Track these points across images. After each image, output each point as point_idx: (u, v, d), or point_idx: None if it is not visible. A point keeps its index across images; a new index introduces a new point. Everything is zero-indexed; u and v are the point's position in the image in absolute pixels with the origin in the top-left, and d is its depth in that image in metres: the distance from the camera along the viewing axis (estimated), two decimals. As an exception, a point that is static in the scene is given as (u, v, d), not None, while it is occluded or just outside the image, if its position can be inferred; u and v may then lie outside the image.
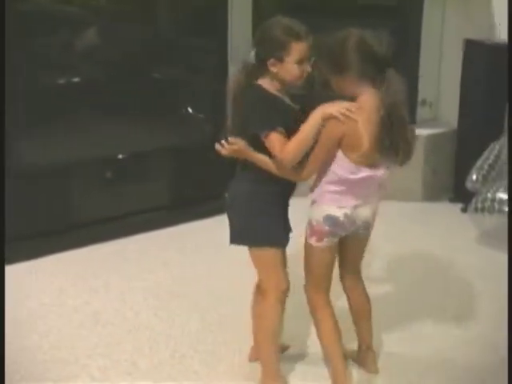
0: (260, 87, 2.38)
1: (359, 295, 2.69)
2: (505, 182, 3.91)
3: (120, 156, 4.04)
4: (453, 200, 4.66)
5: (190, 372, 2.75)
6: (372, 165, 2.36)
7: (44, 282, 3.47)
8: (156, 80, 4.14)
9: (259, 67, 2.37)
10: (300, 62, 2.34)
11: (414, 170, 4.63)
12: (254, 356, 2.78)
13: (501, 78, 4.40)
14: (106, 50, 3.94)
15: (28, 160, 3.66)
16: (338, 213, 2.41)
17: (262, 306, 2.55)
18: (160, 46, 4.13)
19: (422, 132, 4.70)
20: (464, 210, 4.35)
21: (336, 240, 2.49)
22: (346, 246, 2.56)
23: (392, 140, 2.32)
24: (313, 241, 2.47)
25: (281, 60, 2.32)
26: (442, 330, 3.09)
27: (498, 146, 4.11)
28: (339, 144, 2.33)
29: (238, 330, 2.97)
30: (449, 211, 4.55)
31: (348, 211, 2.41)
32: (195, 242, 4.02)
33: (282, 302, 2.53)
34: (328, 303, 2.56)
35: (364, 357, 2.74)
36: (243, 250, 2.52)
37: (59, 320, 3.13)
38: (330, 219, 2.42)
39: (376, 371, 2.74)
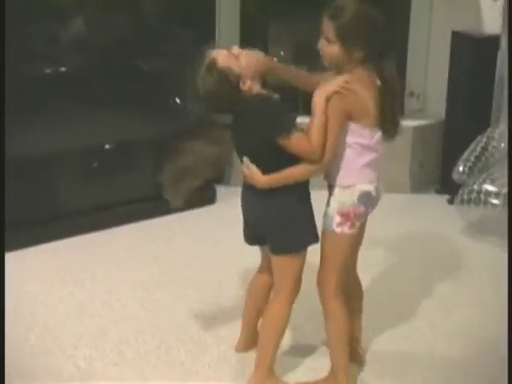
0: (256, 95, 2.33)
1: (356, 288, 2.67)
2: (491, 174, 3.93)
3: (107, 146, 4.03)
4: (439, 192, 4.68)
5: (176, 362, 2.75)
6: (379, 127, 2.38)
7: (30, 273, 3.46)
8: (143, 70, 4.12)
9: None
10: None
11: (401, 162, 4.64)
12: (243, 347, 2.78)
13: (488, 70, 4.42)
14: (93, 40, 3.92)
15: (14, 150, 3.62)
16: (370, 187, 2.40)
17: (276, 306, 2.50)
18: (147, 36, 4.10)
19: (409, 123, 4.70)
20: (450, 202, 4.37)
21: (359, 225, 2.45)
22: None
23: (391, 111, 2.36)
24: (346, 229, 2.41)
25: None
26: (427, 322, 3.10)
27: (485, 138, 4.12)
28: (350, 117, 2.32)
29: (225, 320, 2.98)
30: (435, 203, 4.56)
31: (376, 184, 2.42)
32: (182, 232, 4.01)
33: (292, 304, 2.52)
34: (343, 295, 2.51)
35: (354, 350, 2.70)
36: (230, 242, 2.52)
37: (45, 311, 3.12)
38: (365, 196, 2.40)
39: (364, 363, 2.75)
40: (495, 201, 3.82)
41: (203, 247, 3.74)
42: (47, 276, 3.45)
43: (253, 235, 2.52)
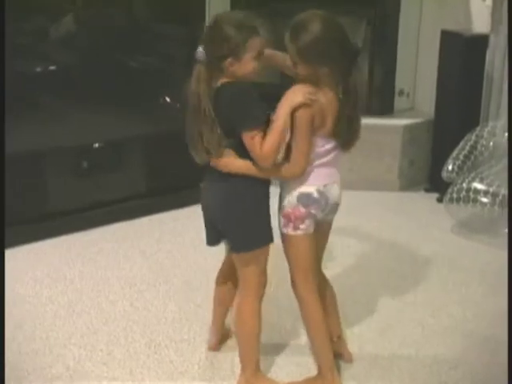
0: (233, 83, 2.31)
1: (324, 287, 2.66)
2: (480, 172, 3.94)
3: (96, 145, 4.01)
4: (428, 190, 4.69)
5: (165, 361, 2.75)
6: (333, 139, 2.39)
7: (18, 272, 3.44)
8: (132, 68, 4.11)
9: (214, 66, 2.29)
10: (258, 56, 2.30)
11: (390, 160, 4.65)
12: (215, 345, 2.79)
13: (477, 69, 4.43)
14: (83, 38, 3.90)
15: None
16: (311, 188, 2.40)
17: (244, 304, 2.50)
18: (136, 34, 4.09)
19: (399, 122, 4.72)
20: (440, 200, 4.38)
21: (313, 225, 2.45)
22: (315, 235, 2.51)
23: (348, 123, 2.37)
24: (290, 230, 2.44)
25: (239, 58, 2.27)
26: (414, 319, 3.11)
27: (474, 137, 4.14)
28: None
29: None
30: (424, 201, 4.57)
31: (320, 187, 2.41)
32: (172, 231, 4.01)
33: (261, 301, 2.51)
34: (317, 294, 2.51)
35: (337, 347, 2.71)
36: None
37: (34, 310, 3.11)
38: (305, 197, 2.40)
39: (351, 359, 2.76)
40: (484, 199, 3.83)
41: (193, 246, 3.74)
42: (36, 275, 3.43)
43: (212, 235, 2.51)
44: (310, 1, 4.53)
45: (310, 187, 2.40)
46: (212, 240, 2.54)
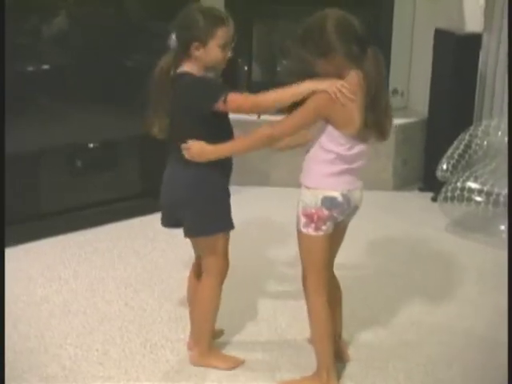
0: (190, 73, 2.42)
1: (334, 287, 2.68)
2: (474, 171, 3.95)
3: (90, 145, 4.00)
4: (423, 189, 4.70)
5: (161, 361, 2.74)
6: (363, 139, 2.39)
7: (13, 272, 3.43)
8: (127, 68, 4.10)
9: (182, 51, 2.43)
10: (223, 46, 2.42)
11: (384, 159, 4.66)
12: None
13: (470, 68, 4.44)
14: (77, 38, 3.89)
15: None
16: (336, 193, 2.40)
17: (205, 286, 2.62)
18: (131, 33, 4.08)
19: (393, 121, 4.72)
20: (434, 199, 4.39)
21: (332, 227, 2.46)
22: (332, 236, 2.51)
23: (377, 116, 2.36)
24: (311, 230, 2.43)
25: (205, 44, 2.39)
26: (409, 318, 3.11)
27: (468, 136, 4.15)
28: (328, 121, 2.34)
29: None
30: (419, 200, 4.58)
31: (345, 191, 2.41)
32: (166, 231, 3.97)
33: (222, 284, 2.64)
34: (326, 296, 2.52)
35: (337, 347, 2.70)
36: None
37: (29, 310, 3.10)
38: (329, 201, 2.40)
39: (348, 359, 2.76)
40: (478, 198, 3.85)
41: (188, 245, 3.72)
42: (30, 274, 3.43)
43: (169, 217, 2.62)
44: (303, 3, 4.55)
45: (335, 192, 2.41)
46: (168, 223, 2.67)
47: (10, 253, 3.58)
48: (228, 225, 2.57)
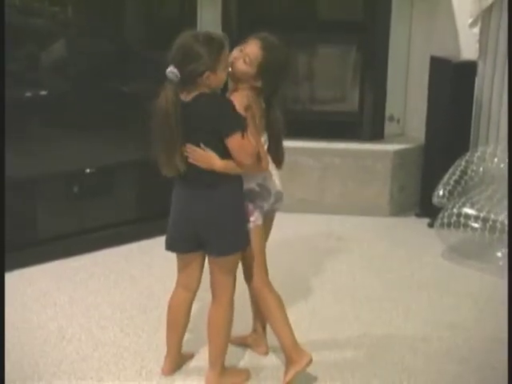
0: (213, 94, 2.49)
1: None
2: (470, 197, 3.96)
3: (87, 170, 4.01)
4: (419, 215, 4.70)
5: (156, 388, 2.73)
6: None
7: (8, 298, 3.40)
8: (123, 94, 4.11)
9: (190, 82, 2.45)
10: (227, 67, 2.52)
11: (380, 185, 4.66)
12: (170, 370, 2.80)
13: (466, 94, 4.47)
14: (74, 65, 3.92)
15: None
16: (251, 185, 2.60)
17: (221, 310, 2.65)
18: (128, 59, 4.11)
19: (389, 147, 4.74)
20: (431, 225, 4.39)
21: (261, 218, 2.64)
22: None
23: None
24: (250, 223, 2.62)
25: (215, 71, 2.45)
26: (405, 344, 3.10)
27: (464, 162, 4.16)
28: None
29: (205, 345, 2.96)
30: (415, 226, 4.58)
31: (259, 181, 2.61)
32: (162, 256, 3.94)
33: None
34: (271, 284, 2.71)
35: (258, 339, 2.92)
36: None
37: (22, 336, 3.08)
38: (248, 193, 2.59)
39: (267, 352, 2.91)
40: (475, 224, 3.84)
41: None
42: (25, 301, 3.41)
43: (192, 239, 2.61)
44: (299, 27, 4.57)
45: (250, 183, 2.58)
46: (186, 247, 2.66)
47: (5, 278, 3.58)
48: (248, 240, 2.63)
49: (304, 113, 4.93)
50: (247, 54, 2.55)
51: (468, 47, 4.48)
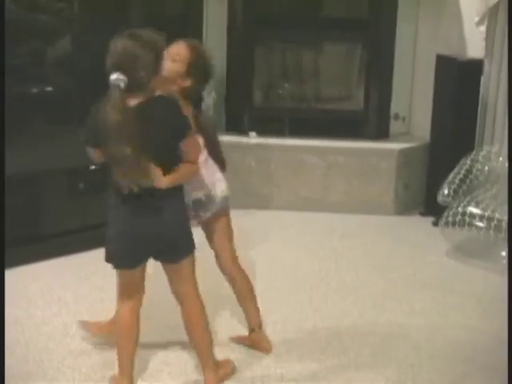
0: (160, 97, 2.45)
1: (240, 277, 2.87)
2: (475, 196, 3.95)
3: (92, 167, 4.01)
4: (424, 214, 4.70)
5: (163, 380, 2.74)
6: None
7: (12, 294, 3.42)
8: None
9: (137, 89, 2.39)
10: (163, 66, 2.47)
11: (385, 184, 4.66)
12: None
13: (472, 93, 4.46)
14: (78, 60, 3.92)
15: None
16: (199, 194, 2.67)
17: (194, 307, 2.64)
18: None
19: (394, 146, 4.74)
20: (435, 224, 4.38)
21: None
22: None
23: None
24: (208, 213, 2.73)
25: (158, 72, 2.41)
26: (409, 343, 3.10)
27: (469, 161, 4.16)
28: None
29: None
30: (420, 225, 4.58)
31: (206, 191, 2.67)
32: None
33: None
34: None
35: (256, 337, 2.89)
36: (202, 268, 2.55)
37: (27, 332, 3.09)
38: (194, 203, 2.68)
39: (270, 349, 2.89)
40: (480, 223, 3.84)
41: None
42: (30, 297, 3.42)
43: (141, 253, 2.58)
44: (305, 27, 4.55)
45: (198, 193, 2.67)
46: (141, 260, 2.63)
47: (9, 274, 3.56)
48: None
49: (309, 111, 4.93)
50: (177, 54, 2.57)
51: (474, 45, 4.47)
